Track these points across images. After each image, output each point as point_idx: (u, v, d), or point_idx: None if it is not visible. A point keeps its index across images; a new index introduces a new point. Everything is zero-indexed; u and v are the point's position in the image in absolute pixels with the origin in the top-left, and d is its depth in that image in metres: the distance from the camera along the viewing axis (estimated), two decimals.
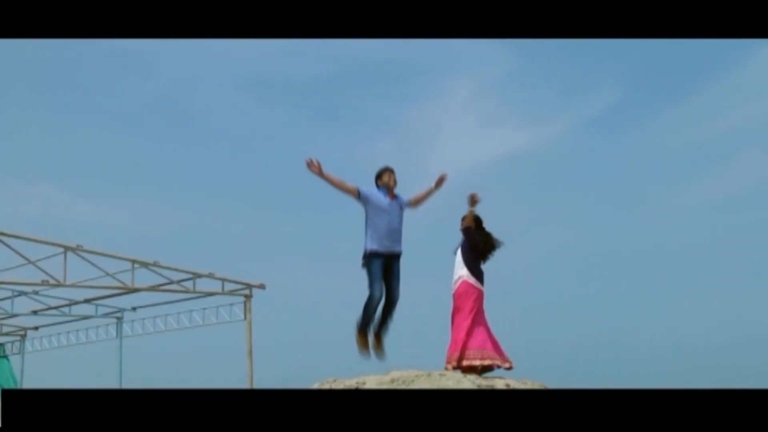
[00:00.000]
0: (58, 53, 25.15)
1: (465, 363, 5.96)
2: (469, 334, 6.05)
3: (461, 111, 24.92)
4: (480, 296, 6.23)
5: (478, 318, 6.15)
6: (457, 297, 6.22)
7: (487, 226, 6.49)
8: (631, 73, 23.05)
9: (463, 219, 6.45)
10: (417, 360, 6.00)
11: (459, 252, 6.38)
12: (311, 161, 5.78)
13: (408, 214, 6.28)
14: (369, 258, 5.99)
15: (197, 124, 26.03)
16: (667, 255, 19.97)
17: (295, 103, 25.69)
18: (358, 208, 6.15)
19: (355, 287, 6.23)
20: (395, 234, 6.08)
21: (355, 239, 6.14)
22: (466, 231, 6.34)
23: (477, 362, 5.96)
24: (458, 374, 5.74)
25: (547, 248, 21.56)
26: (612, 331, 17.05)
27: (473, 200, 6.32)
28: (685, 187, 22.00)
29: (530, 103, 24.82)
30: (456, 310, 6.20)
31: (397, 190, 6.25)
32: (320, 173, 5.83)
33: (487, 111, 24.94)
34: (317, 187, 6.03)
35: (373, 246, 5.99)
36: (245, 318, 12.66)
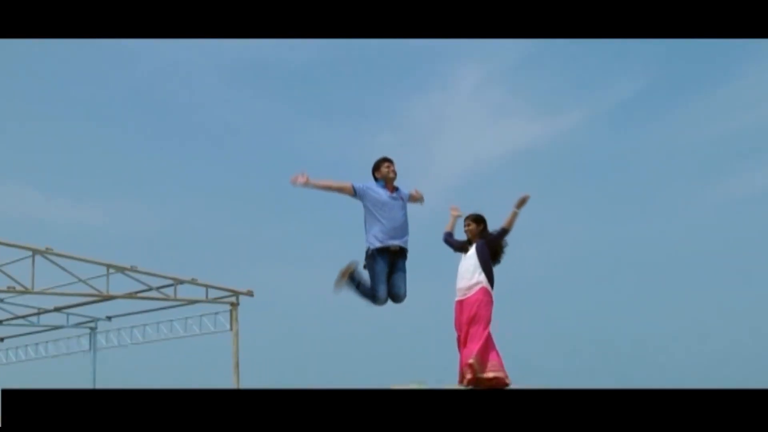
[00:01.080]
0: (28, 42, 25.06)
1: (489, 375, 5.94)
2: (486, 346, 6.02)
3: (469, 101, 24.51)
4: (493, 305, 6.23)
5: (491, 331, 6.14)
6: (475, 305, 6.16)
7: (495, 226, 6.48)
8: (656, 61, 22.81)
9: (466, 222, 6.46)
10: (417, 372, 6.28)
11: (474, 254, 6.32)
12: (295, 176, 5.81)
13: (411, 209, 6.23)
14: (372, 256, 5.96)
15: (179, 117, 25.81)
16: (693, 255, 19.81)
17: (286, 93, 25.53)
18: (355, 205, 6.12)
19: (352, 293, 6.15)
20: (399, 229, 6.04)
21: (354, 240, 6.19)
22: (503, 234, 6.30)
23: (503, 376, 5.97)
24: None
25: (561, 248, 21.43)
26: (631, 336, 16.94)
27: (523, 202, 6.27)
28: (713, 183, 21.87)
29: (544, 93, 24.37)
30: (472, 320, 6.13)
31: (398, 183, 6.21)
32: (307, 183, 5.84)
33: (497, 101, 24.64)
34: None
35: (376, 243, 5.96)
36: (231, 328, 12.64)
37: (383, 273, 5.94)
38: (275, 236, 23.77)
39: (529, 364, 6.13)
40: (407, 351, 15.52)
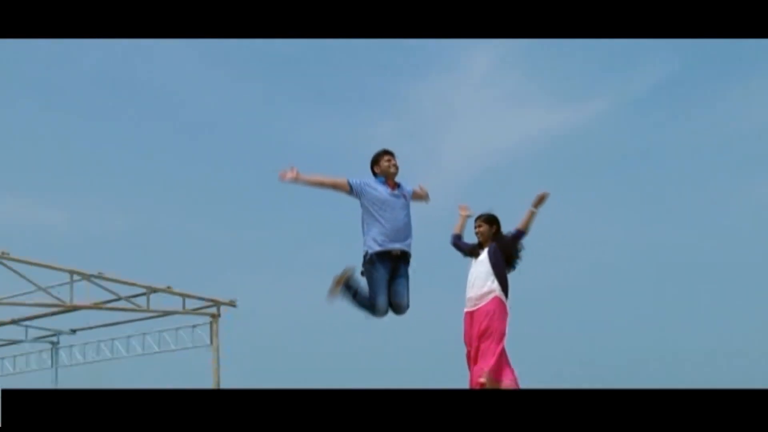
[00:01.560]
0: None
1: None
2: (500, 363, 6.09)
3: (480, 85, 24.54)
4: (508, 317, 6.29)
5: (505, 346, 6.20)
6: (487, 316, 6.21)
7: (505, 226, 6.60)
8: (693, 40, 22.90)
9: (477, 223, 6.57)
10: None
11: (486, 260, 6.41)
12: (284, 171, 5.98)
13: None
14: (371, 261, 6.04)
15: (153, 102, 25.32)
16: (732, 262, 19.81)
17: (272, 75, 25.30)
18: (352, 204, 6.18)
19: (348, 304, 6.21)
20: (401, 230, 6.12)
21: (351, 243, 6.24)
22: (518, 236, 6.39)
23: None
24: None
25: (584, 252, 21.23)
26: (660, 351, 16.95)
27: (542, 200, 6.38)
28: (757, 180, 21.93)
29: (565, 76, 24.33)
30: (484, 333, 6.19)
31: (400, 179, 6.28)
32: (297, 178, 5.97)
33: (512, 86, 24.65)
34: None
35: (375, 246, 6.04)
36: (211, 342, 12.74)
37: (383, 280, 6.02)
38: (261, 239, 23.63)
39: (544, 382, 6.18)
40: (410, 367, 15.55)
